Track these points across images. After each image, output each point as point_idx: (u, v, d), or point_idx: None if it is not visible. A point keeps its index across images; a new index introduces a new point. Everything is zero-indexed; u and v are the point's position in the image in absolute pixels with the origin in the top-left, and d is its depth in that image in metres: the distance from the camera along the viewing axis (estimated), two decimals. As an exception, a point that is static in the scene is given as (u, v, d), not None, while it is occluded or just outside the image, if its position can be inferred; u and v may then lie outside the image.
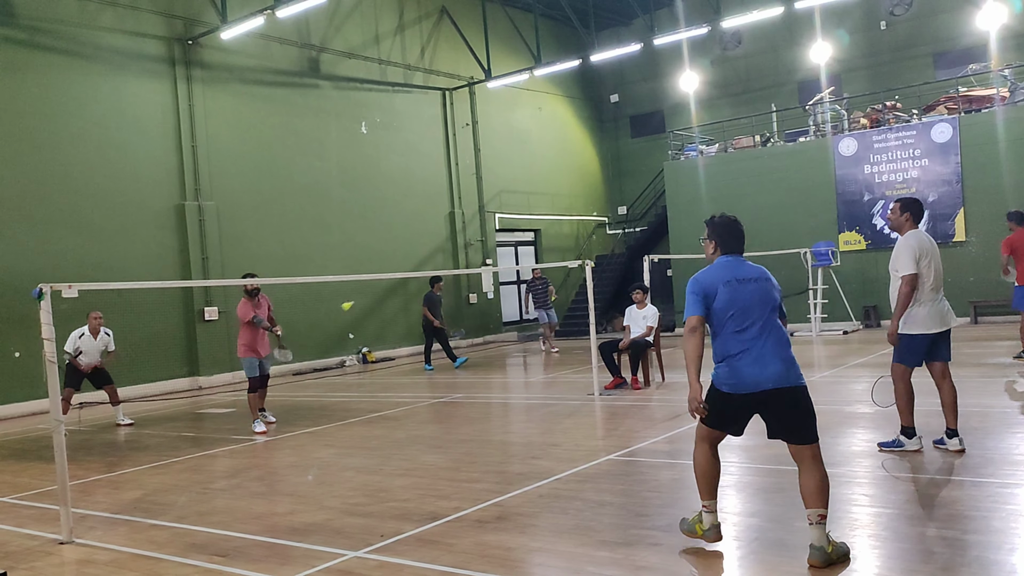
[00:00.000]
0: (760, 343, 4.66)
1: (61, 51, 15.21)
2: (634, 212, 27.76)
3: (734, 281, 4.76)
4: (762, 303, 4.74)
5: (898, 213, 6.91)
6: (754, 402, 4.67)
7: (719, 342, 4.77)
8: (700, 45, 24.97)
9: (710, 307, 4.74)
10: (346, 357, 19.44)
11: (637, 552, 4.87)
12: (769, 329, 4.71)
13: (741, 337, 4.67)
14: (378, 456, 8.41)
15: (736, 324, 4.69)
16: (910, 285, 6.62)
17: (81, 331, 11.44)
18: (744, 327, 4.68)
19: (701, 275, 4.88)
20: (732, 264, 4.88)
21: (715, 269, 4.90)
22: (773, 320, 4.76)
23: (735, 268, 4.85)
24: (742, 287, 4.74)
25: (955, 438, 6.70)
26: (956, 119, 18.80)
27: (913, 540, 4.80)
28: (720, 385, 4.73)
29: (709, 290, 4.76)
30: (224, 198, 17.36)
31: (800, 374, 4.76)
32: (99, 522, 6.48)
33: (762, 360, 4.64)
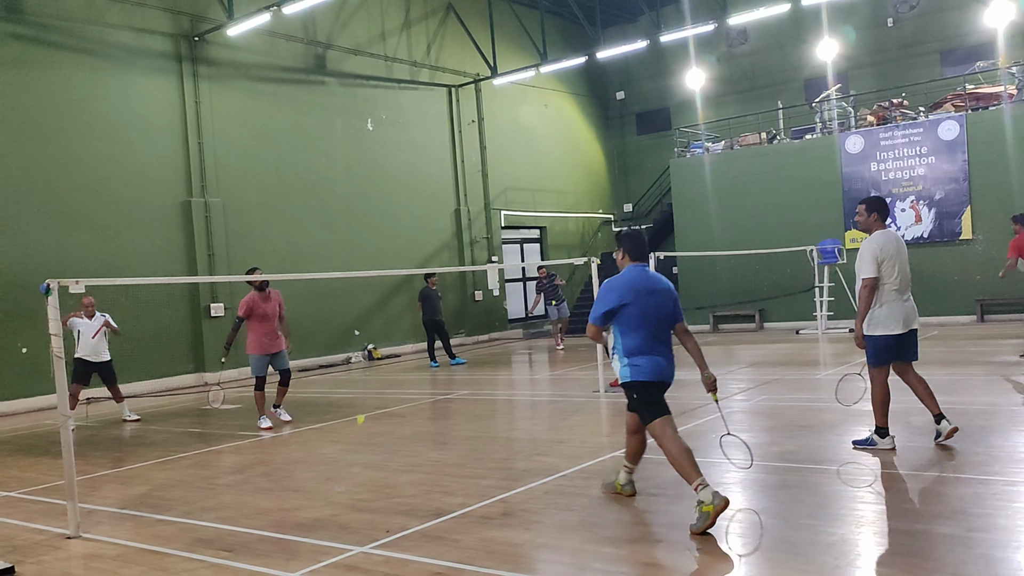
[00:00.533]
0: (660, 344, 5.67)
1: (68, 48, 15.25)
2: (640, 209, 27.74)
3: (644, 291, 5.63)
4: (658, 310, 5.66)
5: (865, 215, 6.93)
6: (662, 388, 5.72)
7: (629, 340, 5.63)
8: (706, 42, 24.92)
9: (618, 312, 5.63)
10: (352, 354, 19.47)
11: (642, 548, 4.88)
12: (666, 332, 5.74)
13: (644, 337, 5.61)
14: (384, 452, 8.43)
15: (644, 326, 5.60)
16: (869, 288, 6.67)
17: (75, 314, 11.59)
18: (649, 330, 5.61)
19: (614, 281, 5.74)
20: (639, 274, 5.75)
21: (626, 277, 5.75)
22: (666, 327, 5.74)
23: (642, 279, 5.72)
24: (650, 297, 5.64)
25: (943, 420, 6.81)
26: (963, 116, 18.74)
27: (918, 537, 4.80)
28: (643, 376, 5.63)
29: (624, 296, 5.61)
30: (230, 195, 17.39)
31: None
32: (106, 517, 6.51)
33: (665, 357, 5.71)
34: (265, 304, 10.46)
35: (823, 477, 6.33)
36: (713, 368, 5.43)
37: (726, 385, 11.55)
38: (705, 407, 9.71)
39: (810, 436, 7.75)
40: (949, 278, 18.62)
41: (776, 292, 20.26)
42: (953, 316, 18.46)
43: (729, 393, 10.77)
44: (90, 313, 11.66)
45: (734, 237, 21.02)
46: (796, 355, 14.82)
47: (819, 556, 4.57)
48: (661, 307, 5.66)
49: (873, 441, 6.96)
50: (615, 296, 5.62)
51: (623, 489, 6.04)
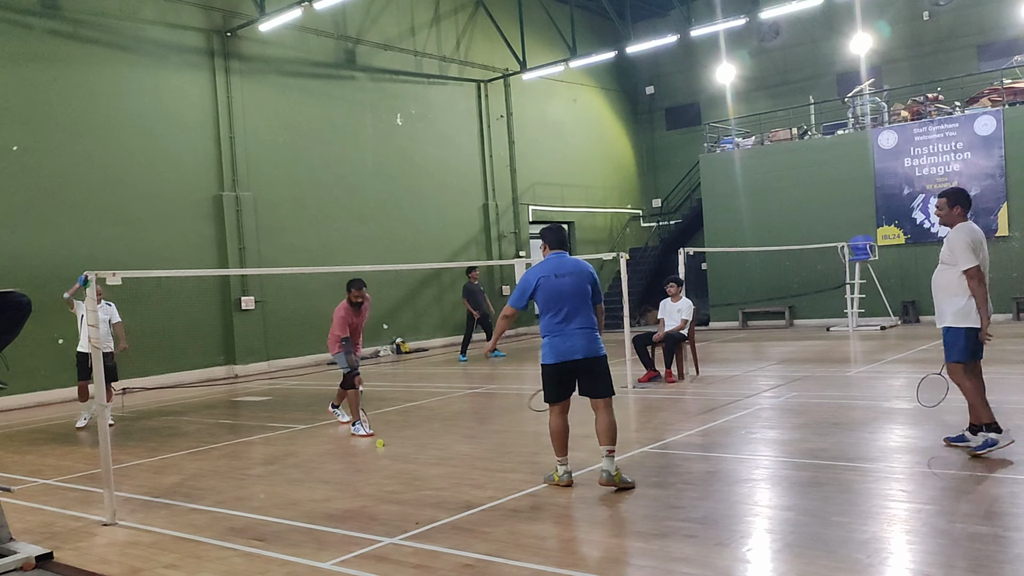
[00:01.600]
0: (568, 324, 6.20)
1: (104, 43, 15.46)
2: (669, 205, 27.60)
3: (552, 276, 6.24)
4: (574, 293, 6.23)
5: (947, 208, 6.76)
6: (569, 369, 6.22)
7: (541, 321, 6.34)
8: (737, 37, 24.71)
9: (534, 295, 6.30)
10: (380, 347, 19.58)
11: (671, 544, 4.87)
12: (577, 312, 6.22)
13: (555, 319, 6.23)
14: (413, 445, 8.48)
15: (553, 309, 6.21)
16: (977, 278, 6.42)
17: (102, 304, 11.00)
18: (558, 311, 6.21)
19: (530, 271, 6.34)
20: (554, 260, 6.35)
21: (541, 265, 6.37)
22: (580, 305, 6.23)
23: (554, 263, 6.33)
24: (559, 280, 6.23)
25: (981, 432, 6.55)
26: (1000, 111, 18.44)
27: (952, 536, 4.74)
28: (544, 359, 6.33)
29: (532, 282, 6.27)
30: (261, 189, 17.56)
31: (600, 347, 6.30)
32: (140, 505, 6.61)
33: (572, 337, 6.19)
34: (357, 319, 9.81)
35: (854, 474, 6.27)
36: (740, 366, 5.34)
37: (755, 381, 11.48)
38: (735, 403, 9.66)
39: (841, 433, 7.68)
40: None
41: (806, 289, 20.08)
42: (988, 314, 18.18)
43: (759, 390, 10.70)
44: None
45: (764, 233, 20.85)
46: (826, 352, 14.69)
47: (851, 554, 4.54)
48: (571, 287, 6.21)
49: (992, 441, 6.38)
50: (527, 279, 6.29)
51: (602, 477, 6.17)
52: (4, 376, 5.44)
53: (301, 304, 17.50)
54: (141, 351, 14.97)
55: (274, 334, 17.51)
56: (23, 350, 13.40)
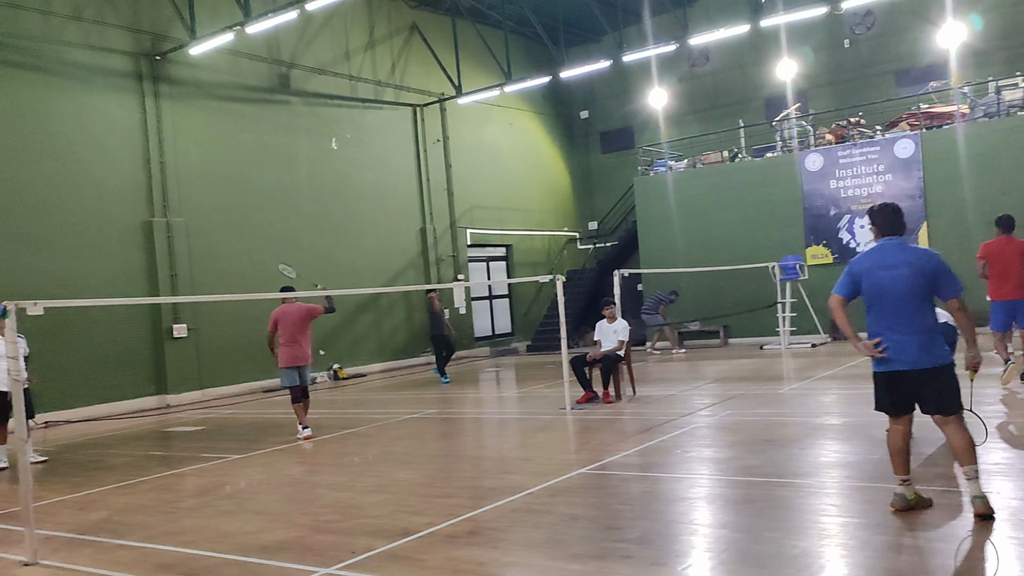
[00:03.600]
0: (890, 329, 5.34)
1: (24, 66, 15.04)
2: (604, 227, 27.93)
3: (876, 269, 5.46)
4: (902, 290, 5.35)
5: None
6: (897, 380, 5.35)
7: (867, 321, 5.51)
8: (669, 62, 25.26)
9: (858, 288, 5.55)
10: (317, 374, 19.29)
11: (609, 565, 4.89)
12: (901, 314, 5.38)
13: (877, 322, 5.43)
14: (350, 473, 8.36)
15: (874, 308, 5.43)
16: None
17: None
18: (879, 311, 5.39)
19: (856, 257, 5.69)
20: (883, 249, 5.55)
21: (867, 254, 5.62)
22: (907, 305, 5.33)
23: (880, 253, 5.53)
24: (883, 274, 5.41)
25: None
26: (918, 135, 19.17)
27: (880, 549, 4.86)
28: (875, 367, 5.44)
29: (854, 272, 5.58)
30: (193, 214, 17.22)
31: (938, 355, 5.32)
32: (64, 543, 6.37)
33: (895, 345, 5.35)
34: (293, 315, 10.97)
35: (787, 490, 6.39)
36: (677, 385, 5.38)
37: (691, 400, 11.65)
38: (672, 422, 9.77)
39: (774, 450, 7.82)
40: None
41: (740, 308, 20.48)
42: (912, 330, 18.76)
43: (695, 408, 10.85)
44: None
45: (698, 254, 21.24)
46: (760, 370, 14.98)
47: (782, 569, 4.61)
48: (902, 282, 5.23)
49: None
50: (851, 268, 5.53)
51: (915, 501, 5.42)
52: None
53: (236, 331, 17.17)
54: (66, 383, 14.50)
55: (208, 362, 17.12)
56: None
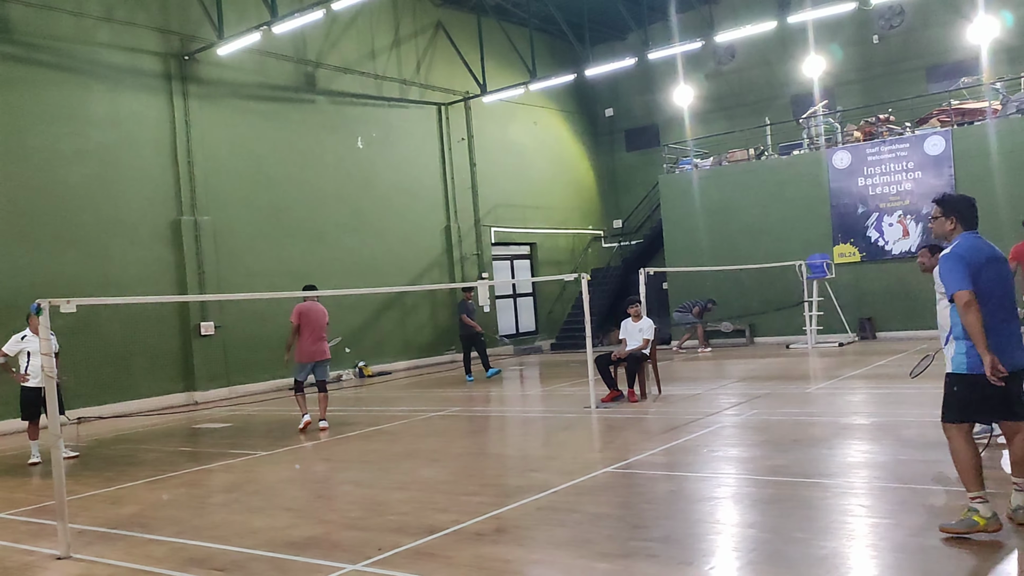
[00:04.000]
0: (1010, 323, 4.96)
1: (57, 67, 15.26)
2: (629, 225, 27.83)
3: (986, 260, 5.00)
4: (1002, 283, 5.04)
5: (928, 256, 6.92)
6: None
7: None
8: (694, 59, 25.11)
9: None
10: (343, 371, 19.41)
11: (635, 564, 4.89)
12: (1014, 309, 5.06)
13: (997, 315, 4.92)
14: (376, 470, 8.41)
15: (994, 300, 4.93)
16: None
17: (23, 333, 10.36)
18: (999, 304, 4.94)
19: (958, 249, 5.05)
20: (981, 242, 5.10)
21: (968, 245, 5.05)
22: (1013, 301, 5.07)
23: (982, 246, 5.08)
24: (993, 266, 5.03)
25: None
26: (949, 132, 18.93)
27: (908, 550, 4.82)
28: (968, 368, 4.89)
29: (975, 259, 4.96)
30: (220, 213, 17.39)
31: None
32: (96, 537, 6.47)
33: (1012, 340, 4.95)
34: (315, 315, 11.67)
35: (814, 491, 6.35)
36: (702, 384, 5.30)
37: (717, 399, 11.59)
38: (697, 421, 9.74)
39: (801, 450, 7.77)
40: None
41: (766, 307, 20.35)
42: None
43: (720, 408, 10.80)
44: (36, 328, 9.62)
45: (723, 252, 21.11)
46: (786, 369, 14.88)
47: (811, 570, 4.59)
48: (1005, 279, 5.00)
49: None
50: (967, 255, 4.90)
51: (1016, 515, 4.99)
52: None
53: (262, 329, 17.31)
54: (98, 379, 14.70)
55: (234, 359, 17.28)
56: (-26, 380, 13.10)
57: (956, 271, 4.84)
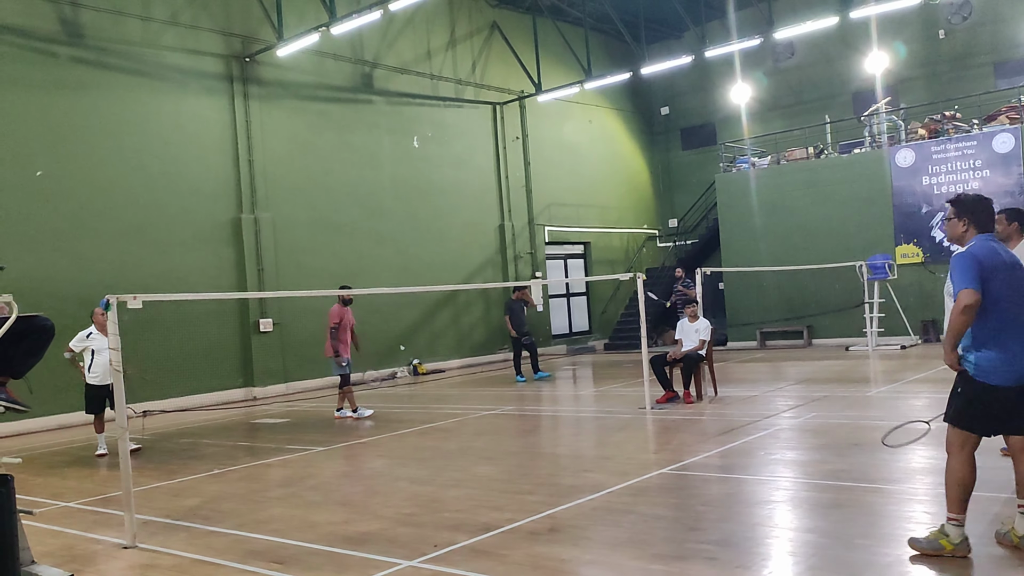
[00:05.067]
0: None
1: (126, 70, 15.71)
2: (685, 225, 27.57)
3: (1003, 265, 4.74)
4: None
5: (1005, 224, 6.68)
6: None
7: (990, 323, 4.66)
8: (752, 57, 24.76)
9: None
10: (397, 369, 19.61)
11: (692, 566, 4.84)
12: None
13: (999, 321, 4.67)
14: (431, 467, 8.47)
15: (1015, 305, 4.69)
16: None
17: (88, 331, 10.63)
18: (1020, 309, 4.70)
19: (969, 250, 4.78)
20: (996, 246, 4.85)
21: (982, 248, 4.78)
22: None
23: (998, 250, 4.84)
24: (1014, 272, 4.77)
25: None
26: (1019, 129, 18.34)
27: (976, 559, 4.68)
28: (986, 377, 4.62)
29: (987, 262, 4.69)
30: (280, 211, 17.70)
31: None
32: (160, 528, 6.64)
33: None
34: (347, 318, 12.89)
35: (876, 496, 6.22)
36: (759, 386, 5.17)
37: (774, 401, 11.41)
38: (754, 424, 9.60)
39: (862, 454, 7.61)
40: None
41: (825, 308, 19.96)
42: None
43: (778, 410, 10.63)
44: (101, 324, 10.34)
45: (781, 253, 20.78)
46: (846, 372, 14.58)
47: (873, 577, 4.49)
48: (1021, 285, 4.70)
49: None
50: (977, 257, 4.62)
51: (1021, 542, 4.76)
52: (27, 399, 5.50)
53: (319, 326, 17.47)
54: (161, 374, 15.08)
55: (292, 356, 17.57)
56: (45, 374, 13.53)
57: (969, 271, 4.56)
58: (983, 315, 4.58)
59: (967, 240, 4.83)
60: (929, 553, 4.71)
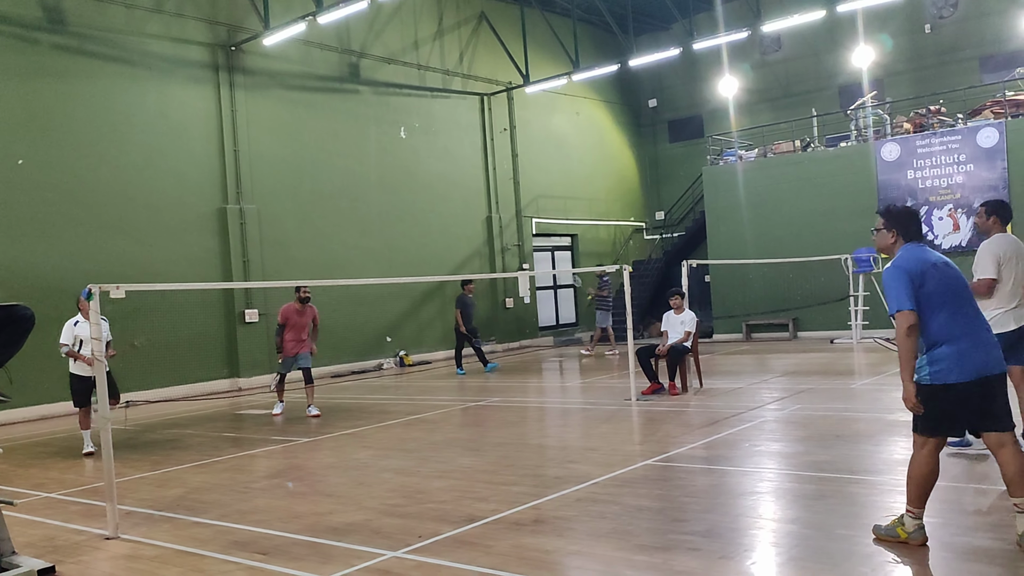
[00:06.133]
0: (981, 328, 4.81)
1: (109, 58, 15.56)
2: (672, 217, 27.62)
3: (942, 264, 4.86)
4: (967, 288, 4.91)
5: (984, 217, 6.83)
6: (979, 389, 4.68)
7: (932, 327, 4.75)
8: (739, 49, 24.79)
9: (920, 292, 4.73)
10: (383, 360, 19.58)
11: (675, 557, 4.86)
12: (978, 312, 4.92)
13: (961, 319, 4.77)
14: (416, 458, 8.47)
15: (951, 306, 4.78)
16: (987, 288, 6.51)
17: (75, 319, 10.17)
18: (958, 308, 4.78)
19: (899, 262, 4.87)
20: (925, 251, 4.92)
21: (909, 257, 4.86)
22: (975, 304, 4.91)
23: (928, 253, 4.91)
24: (946, 269, 4.86)
25: None
26: (1003, 123, 18.45)
27: (956, 550, 4.72)
28: (942, 378, 4.68)
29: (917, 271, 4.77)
30: (265, 202, 17.61)
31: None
32: (143, 519, 6.61)
33: (987, 344, 4.77)
34: (299, 317, 12.27)
35: (859, 487, 6.26)
36: (744, 378, 5.22)
37: (759, 393, 11.45)
38: (739, 415, 9.64)
39: (845, 446, 7.66)
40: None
41: (810, 301, 20.05)
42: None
43: (763, 402, 10.68)
44: (87, 311, 9.30)
45: (767, 245, 20.85)
46: (830, 364, 14.66)
47: (856, 567, 4.52)
48: (954, 280, 4.78)
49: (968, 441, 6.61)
50: (908, 269, 4.69)
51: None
52: (7, 389, 5.45)
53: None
54: (144, 364, 14.99)
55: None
56: (26, 363, 13.43)
57: (901, 288, 4.65)
58: (927, 321, 4.66)
59: (896, 250, 4.91)
60: (886, 539, 4.84)
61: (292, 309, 12.24)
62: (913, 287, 4.64)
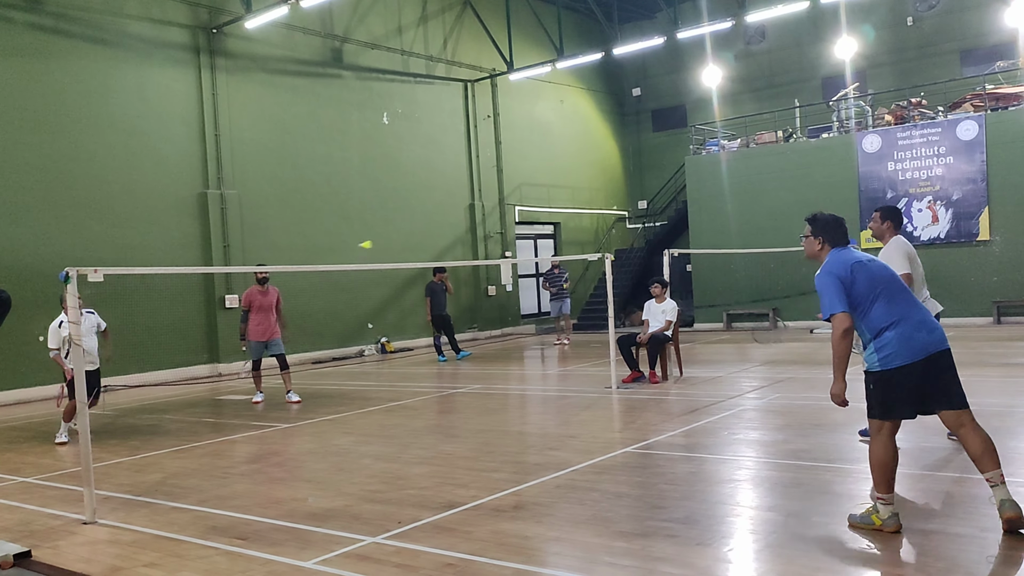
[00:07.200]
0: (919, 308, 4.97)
1: (87, 38, 15.34)
2: (654, 206, 27.68)
3: (866, 261, 5.03)
4: (884, 270, 5.07)
5: (879, 222, 7.08)
6: (922, 368, 4.79)
7: (873, 316, 4.90)
8: (723, 39, 24.81)
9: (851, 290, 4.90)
10: (365, 347, 19.53)
11: (654, 543, 4.89)
12: (911, 294, 5.09)
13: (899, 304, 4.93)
14: (396, 444, 8.46)
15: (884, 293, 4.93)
16: (906, 282, 6.69)
17: (59, 320, 9.52)
18: (893, 295, 4.94)
19: (827, 267, 5.09)
20: (851, 251, 5.14)
21: (837, 261, 5.07)
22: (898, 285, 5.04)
23: (855, 253, 5.12)
24: (875, 264, 5.06)
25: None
26: (982, 117, 18.60)
27: (931, 537, 4.78)
28: (890, 362, 4.80)
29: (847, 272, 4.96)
30: (246, 187, 17.47)
31: None
32: (121, 504, 6.57)
33: (928, 323, 4.89)
34: (263, 297, 12.05)
35: (835, 475, 6.32)
36: (724, 367, 5.29)
37: (739, 382, 11.53)
38: (718, 404, 9.70)
39: (823, 435, 7.73)
40: (966, 279, 18.50)
41: (791, 291, 20.18)
42: (969, 318, 18.34)
43: (742, 391, 10.75)
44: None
45: (749, 235, 20.95)
46: (810, 354, 14.77)
47: (829, 553, 4.57)
48: (880, 272, 4.95)
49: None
50: (837, 272, 4.89)
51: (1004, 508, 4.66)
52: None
53: (285, 303, 17.30)
54: (124, 349, 14.85)
55: (258, 333, 17.38)
56: (2, 347, 13.32)
57: (833, 292, 4.84)
58: (867, 313, 4.83)
59: (823, 256, 5.11)
60: (861, 527, 4.89)
61: (254, 292, 12.11)
62: (844, 288, 4.83)
